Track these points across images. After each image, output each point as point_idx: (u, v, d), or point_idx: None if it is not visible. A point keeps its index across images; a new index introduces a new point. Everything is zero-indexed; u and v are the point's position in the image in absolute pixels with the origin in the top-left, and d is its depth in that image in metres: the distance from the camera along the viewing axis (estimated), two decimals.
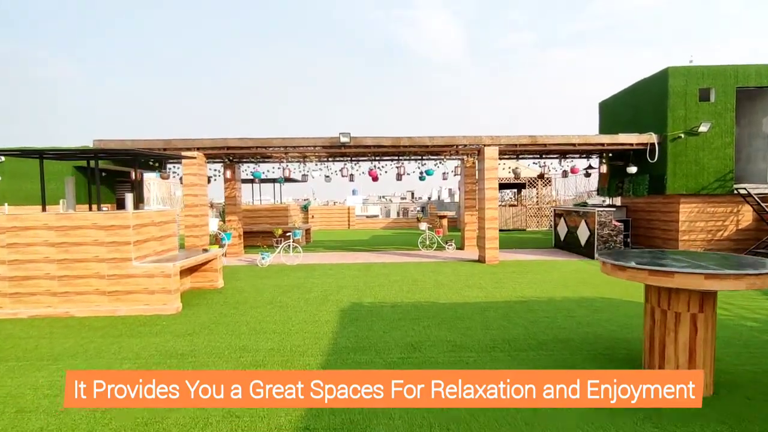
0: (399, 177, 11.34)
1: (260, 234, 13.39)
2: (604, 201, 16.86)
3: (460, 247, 12.21)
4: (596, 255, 9.72)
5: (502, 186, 20.50)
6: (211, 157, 10.95)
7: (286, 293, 6.70)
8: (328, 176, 11.67)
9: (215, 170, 11.48)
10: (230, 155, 10.55)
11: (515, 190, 21.67)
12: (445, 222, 18.34)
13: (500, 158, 9.63)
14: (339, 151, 9.77)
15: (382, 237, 17.10)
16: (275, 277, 8.17)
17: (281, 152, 10.23)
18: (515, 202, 20.94)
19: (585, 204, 12.97)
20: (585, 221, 10.31)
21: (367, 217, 31.41)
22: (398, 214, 35.09)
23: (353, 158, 11.38)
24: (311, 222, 22.94)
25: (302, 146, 9.57)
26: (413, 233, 18.85)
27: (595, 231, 9.76)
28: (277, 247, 10.02)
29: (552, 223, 12.60)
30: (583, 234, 10.38)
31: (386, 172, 11.06)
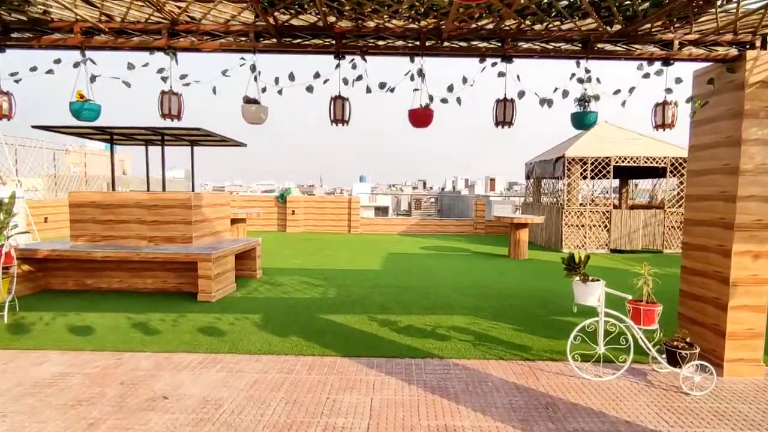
0: (500, 122, 2.96)
1: (112, 264, 5.06)
2: None
3: (715, 369, 3.62)
4: None
5: (623, 171, 11.89)
6: None
7: None
8: (254, 99, 3.22)
9: None
10: None
11: (652, 180, 12.82)
12: (525, 237, 9.83)
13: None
14: None
15: (412, 268, 8.54)
16: None
17: None
18: (653, 201, 12.30)
19: None
20: None
21: (376, 210, 22.76)
22: (409, 206, 27.55)
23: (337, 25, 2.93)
24: (291, 220, 14.53)
25: None
26: (467, 255, 9.44)
27: None
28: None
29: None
30: None
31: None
